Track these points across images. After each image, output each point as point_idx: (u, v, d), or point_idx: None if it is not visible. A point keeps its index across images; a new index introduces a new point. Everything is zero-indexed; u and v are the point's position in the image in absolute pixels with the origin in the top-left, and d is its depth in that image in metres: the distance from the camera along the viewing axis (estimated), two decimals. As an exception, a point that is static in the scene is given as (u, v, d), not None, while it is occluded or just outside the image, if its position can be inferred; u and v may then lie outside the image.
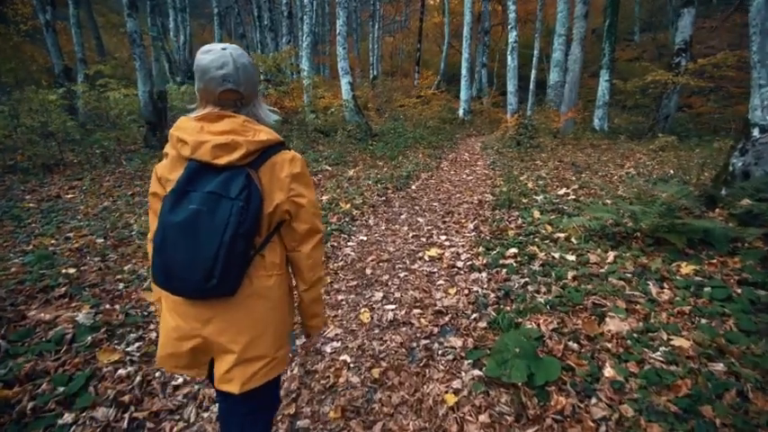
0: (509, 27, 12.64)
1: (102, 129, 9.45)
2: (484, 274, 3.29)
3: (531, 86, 13.75)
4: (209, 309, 1.09)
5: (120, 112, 9.79)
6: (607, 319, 2.54)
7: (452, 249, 3.90)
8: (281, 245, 1.18)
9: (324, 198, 5.46)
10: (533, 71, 13.86)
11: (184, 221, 0.99)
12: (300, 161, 1.14)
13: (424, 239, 4.24)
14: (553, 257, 3.49)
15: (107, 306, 2.78)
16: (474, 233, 4.27)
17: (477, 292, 3.01)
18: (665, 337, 2.42)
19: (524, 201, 5.16)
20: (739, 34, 20.30)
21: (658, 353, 2.27)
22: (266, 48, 15.21)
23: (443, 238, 4.22)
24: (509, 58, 12.66)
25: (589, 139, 11.26)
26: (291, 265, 1.22)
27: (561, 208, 4.75)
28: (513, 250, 3.60)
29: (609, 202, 5.02)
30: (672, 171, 7.17)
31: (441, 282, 3.25)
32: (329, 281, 3.35)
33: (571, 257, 3.47)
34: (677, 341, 2.38)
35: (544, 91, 14.73)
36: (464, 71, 15.04)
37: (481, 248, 3.79)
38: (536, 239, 3.90)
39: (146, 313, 2.76)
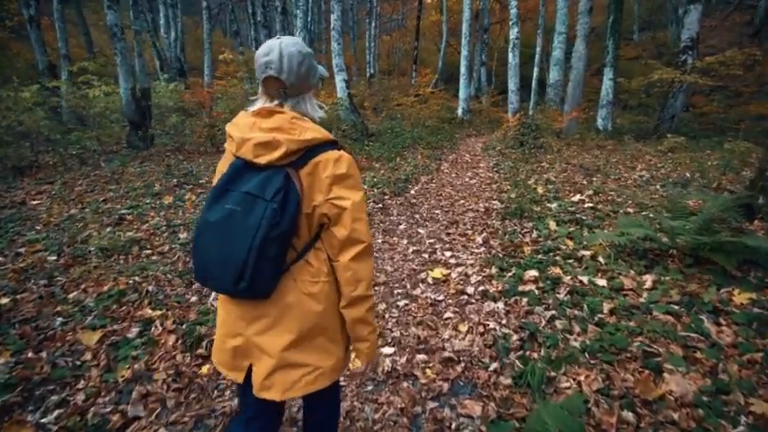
0: (510, 23, 12.05)
1: (84, 128, 8.81)
2: (500, 304, 2.70)
3: (534, 85, 13.16)
4: (255, 309, 1.06)
5: (101, 111, 9.14)
6: (665, 375, 1.96)
7: (460, 269, 3.31)
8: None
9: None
10: (535, 69, 13.27)
11: (219, 221, 0.97)
12: (347, 161, 1.05)
13: (426, 255, 3.65)
14: (581, 282, 2.91)
15: (31, 354, 2.17)
16: (483, 248, 3.69)
17: (495, 330, 2.42)
18: (741, 400, 1.85)
19: (536, 209, 4.58)
20: (739, 33, 19.88)
21: (740, 428, 1.70)
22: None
23: (449, 254, 3.63)
24: (510, 55, 12.07)
25: (593, 139, 10.70)
26: (336, 277, 1.10)
27: (579, 218, 4.17)
28: (533, 273, 3.02)
29: (631, 211, 4.45)
30: (688, 174, 6.62)
31: (449, 314, 2.66)
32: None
33: (602, 282, 2.90)
34: (757, 405, 1.81)
35: (546, 90, 14.17)
36: (463, 69, 14.44)
37: (494, 269, 3.20)
38: (557, 258, 3.32)
39: (78, 363, 2.15)
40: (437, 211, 4.94)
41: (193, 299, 2.84)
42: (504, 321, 2.51)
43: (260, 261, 0.95)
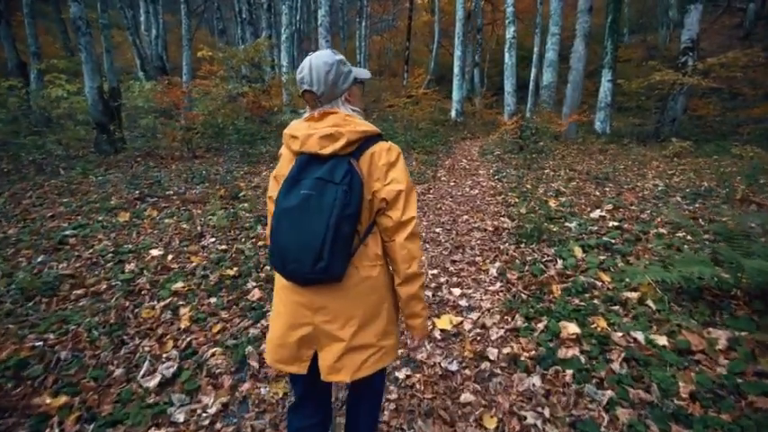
0: (507, 22, 11.35)
1: (49, 131, 7.87)
2: (536, 380, 1.95)
3: (531, 86, 12.47)
4: (320, 296, 1.10)
5: (66, 112, 8.21)
6: None
7: (474, 316, 2.56)
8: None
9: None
10: (533, 70, 12.59)
11: (297, 206, 1.02)
12: (397, 150, 1.15)
13: (428, 293, 2.89)
14: (636, 341, 2.18)
15: None
16: (500, 283, 2.94)
17: (537, 427, 1.67)
18: None
19: (553, 228, 3.86)
20: (729, 36, 19.54)
21: None
22: (246, 43, 13.63)
23: (457, 292, 2.87)
24: (506, 55, 11.38)
25: (593, 142, 10.08)
26: (388, 258, 1.17)
27: (608, 243, 3.45)
28: (572, 327, 2.28)
29: (663, 231, 3.75)
30: (706, 183, 5.97)
31: (467, 394, 1.90)
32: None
33: (661, 340, 2.17)
34: None
35: (540, 91, 13.51)
36: (456, 70, 13.72)
37: (519, 318, 2.45)
38: (595, 301, 2.59)
39: None
40: (438, 230, 4.18)
41: (118, 372, 2.04)
42: (546, 413, 1.75)
43: (335, 239, 1.00)
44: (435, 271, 3.20)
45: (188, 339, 2.31)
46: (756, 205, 4.94)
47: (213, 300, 2.72)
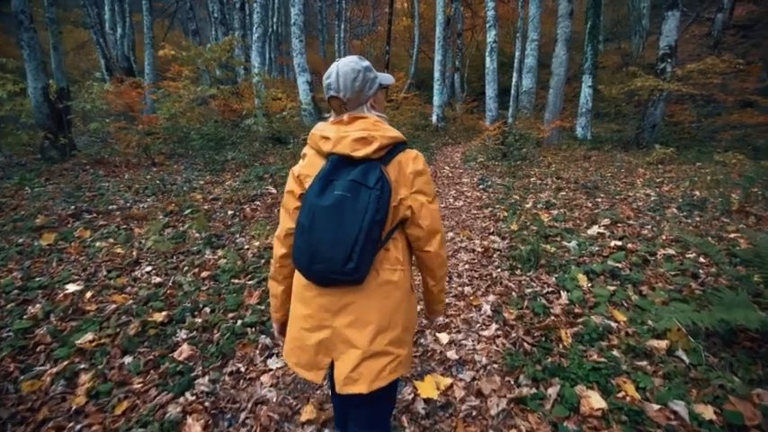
0: (487, 26, 10.95)
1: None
2: (557, 488, 1.38)
3: (513, 92, 12.10)
4: (341, 298, 1.08)
5: (11, 114, 7.28)
6: None
7: (467, 376, 1.98)
8: (404, 241, 1.16)
9: (254, 246, 3.41)
10: (515, 75, 12.21)
11: (332, 205, 1.01)
12: (422, 159, 1.14)
13: (409, 338, 2.30)
14: (676, 415, 1.64)
15: None
16: (496, 325, 2.37)
17: None
18: None
19: (550, 249, 3.34)
20: (699, 44, 19.86)
21: None
22: (218, 42, 12.81)
23: (445, 338, 2.29)
24: (488, 59, 10.97)
25: (576, 149, 9.75)
26: (420, 264, 1.20)
27: (614, 269, 2.94)
28: (595, 399, 1.72)
29: (672, 252, 3.28)
30: (698, 193, 5.62)
31: None
32: None
33: (708, 413, 1.64)
34: None
35: (519, 97, 13.17)
36: (437, 74, 13.25)
37: (524, 381, 1.89)
38: (615, 353, 2.05)
39: None
40: (419, 251, 3.61)
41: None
42: None
43: (366, 242, 1.00)
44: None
45: (77, 429, 1.65)
46: (755, 217, 4.58)
47: (127, 360, 2.05)
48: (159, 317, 2.40)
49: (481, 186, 6.06)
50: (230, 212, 4.40)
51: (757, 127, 10.53)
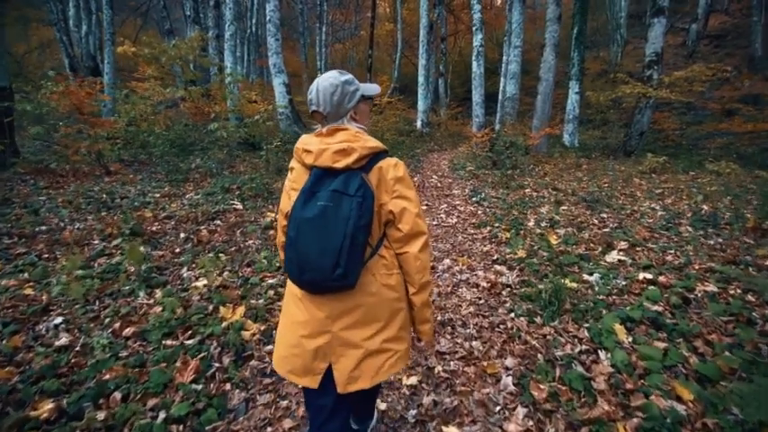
0: (474, 29, 10.43)
1: None
2: None
3: (500, 97, 11.58)
4: (340, 304, 1.09)
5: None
6: None
7: None
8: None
9: (201, 286, 2.65)
10: (502, 80, 11.70)
11: (316, 216, 1.02)
12: (402, 166, 1.16)
13: None
14: None
15: None
16: (524, 412, 1.69)
17: None
18: None
19: (570, 284, 2.70)
20: (674, 54, 20.02)
21: None
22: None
23: (454, 432, 1.60)
24: (474, 63, 10.44)
25: (566, 157, 9.29)
26: (401, 268, 1.18)
27: (656, 315, 2.32)
28: None
29: (713, 289, 2.69)
30: (705, 207, 5.14)
31: None
32: None
33: None
34: None
35: (503, 103, 12.70)
36: (421, 79, 12.67)
37: None
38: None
39: None
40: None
41: None
42: None
43: (352, 247, 1.01)
44: (414, 380, 1.91)
45: None
46: (774, 236, 4.09)
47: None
48: (45, 409, 1.63)
49: (474, 199, 5.43)
50: (183, 235, 3.61)
51: (742, 135, 10.37)
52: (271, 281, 2.77)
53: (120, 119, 6.70)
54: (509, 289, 2.73)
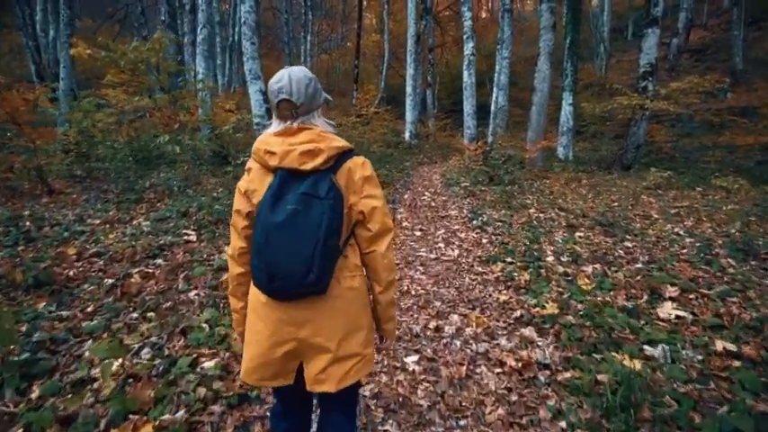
0: (465, 37, 9.80)
1: None
2: None
3: (493, 108, 10.94)
4: (305, 310, 1.04)
5: None
6: None
7: None
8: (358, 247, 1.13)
9: (108, 382, 1.76)
10: (495, 90, 11.09)
11: (285, 220, 0.97)
12: (369, 164, 1.12)
13: None
14: None
15: None
16: None
17: None
18: None
19: (629, 361, 1.91)
20: (657, 68, 19.94)
21: None
22: (166, 49, 10.91)
23: None
24: (465, 73, 9.79)
25: (563, 171, 8.64)
26: (366, 267, 1.13)
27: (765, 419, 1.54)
28: None
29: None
30: (733, 230, 4.46)
31: None
32: None
33: None
34: None
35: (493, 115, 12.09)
36: (409, 89, 11.98)
37: None
38: None
39: None
40: (413, 365, 2.07)
41: None
42: None
43: (325, 251, 0.96)
44: None
45: None
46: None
47: None
48: None
49: (475, 222, 4.63)
50: (109, 281, 2.69)
51: (737, 148, 9.94)
52: (207, 364, 1.87)
53: (69, 129, 5.73)
54: (549, 373, 1.90)
